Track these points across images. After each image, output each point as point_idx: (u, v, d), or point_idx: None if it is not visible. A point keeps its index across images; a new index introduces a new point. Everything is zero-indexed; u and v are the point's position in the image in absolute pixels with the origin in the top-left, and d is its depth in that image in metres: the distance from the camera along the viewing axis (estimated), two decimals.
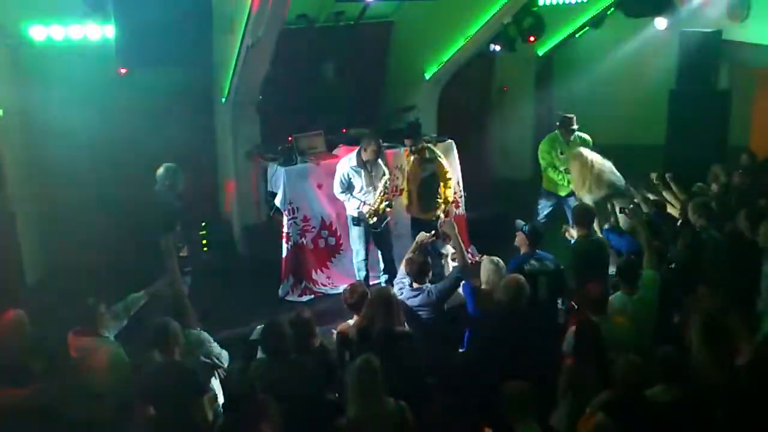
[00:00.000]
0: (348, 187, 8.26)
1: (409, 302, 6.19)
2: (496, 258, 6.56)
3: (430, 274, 6.42)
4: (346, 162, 8.26)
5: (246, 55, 8.19)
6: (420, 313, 6.20)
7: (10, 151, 8.14)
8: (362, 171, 8.19)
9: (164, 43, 7.04)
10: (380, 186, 8.19)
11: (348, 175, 8.22)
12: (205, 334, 5.85)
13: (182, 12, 7.05)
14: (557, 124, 9.57)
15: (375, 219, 8.24)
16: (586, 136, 9.49)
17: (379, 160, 8.25)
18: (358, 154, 8.17)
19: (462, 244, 6.89)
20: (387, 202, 8.26)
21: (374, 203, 8.21)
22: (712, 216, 7.08)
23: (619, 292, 6.06)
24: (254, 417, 4.54)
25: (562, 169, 9.35)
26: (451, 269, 7.67)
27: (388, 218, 8.42)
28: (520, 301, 5.73)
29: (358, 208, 8.24)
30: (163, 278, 6.69)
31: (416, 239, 6.90)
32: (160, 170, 7.47)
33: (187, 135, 8.79)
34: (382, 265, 8.67)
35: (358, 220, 8.28)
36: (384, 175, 8.23)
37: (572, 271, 6.81)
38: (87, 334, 5.54)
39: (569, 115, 9.51)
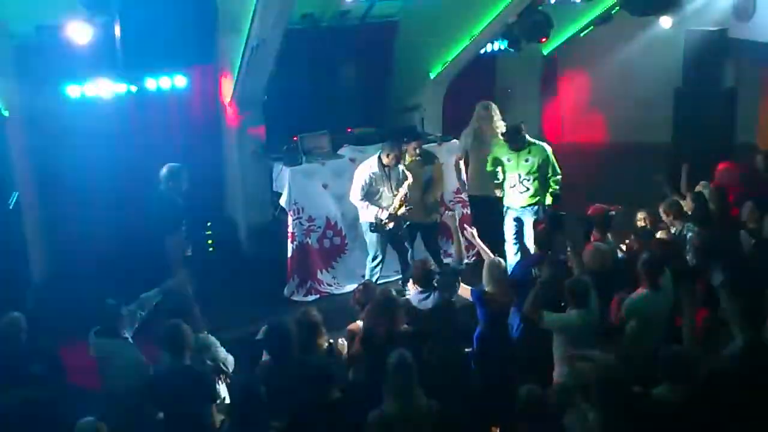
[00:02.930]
0: (367, 194, 8.16)
1: (421, 305, 6.17)
2: (497, 258, 6.55)
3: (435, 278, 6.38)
4: (367, 168, 8.14)
5: (251, 56, 8.18)
6: (431, 314, 6.15)
7: (15, 152, 8.16)
8: (383, 176, 8.13)
9: (169, 45, 7.06)
10: (402, 190, 8.08)
11: (368, 181, 8.12)
12: (212, 338, 5.85)
13: (187, 14, 7.07)
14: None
15: (392, 224, 8.11)
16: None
17: (399, 165, 8.20)
18: (379, 159, 8.11)
19: (460, 238, 6.89)
20: (406, 206, 8.08)
21: (393, 208, 8.07)
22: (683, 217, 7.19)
23: (642, 290, 5.94)
24: (261, 420, 4.54)
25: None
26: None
27: (408, 222, 8.29)
28: (606, 267, 6.25)
29: (376, 215, 8.10)
30: (176, 276, 6.68)
31: None
32: (164, 170, 7.44)
33: (192, 135, 8.78)
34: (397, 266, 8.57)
35: (375, 227, 8.17)
36: (406, 179, 8.10)
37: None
38: (107, 335, 5.57)
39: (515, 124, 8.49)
